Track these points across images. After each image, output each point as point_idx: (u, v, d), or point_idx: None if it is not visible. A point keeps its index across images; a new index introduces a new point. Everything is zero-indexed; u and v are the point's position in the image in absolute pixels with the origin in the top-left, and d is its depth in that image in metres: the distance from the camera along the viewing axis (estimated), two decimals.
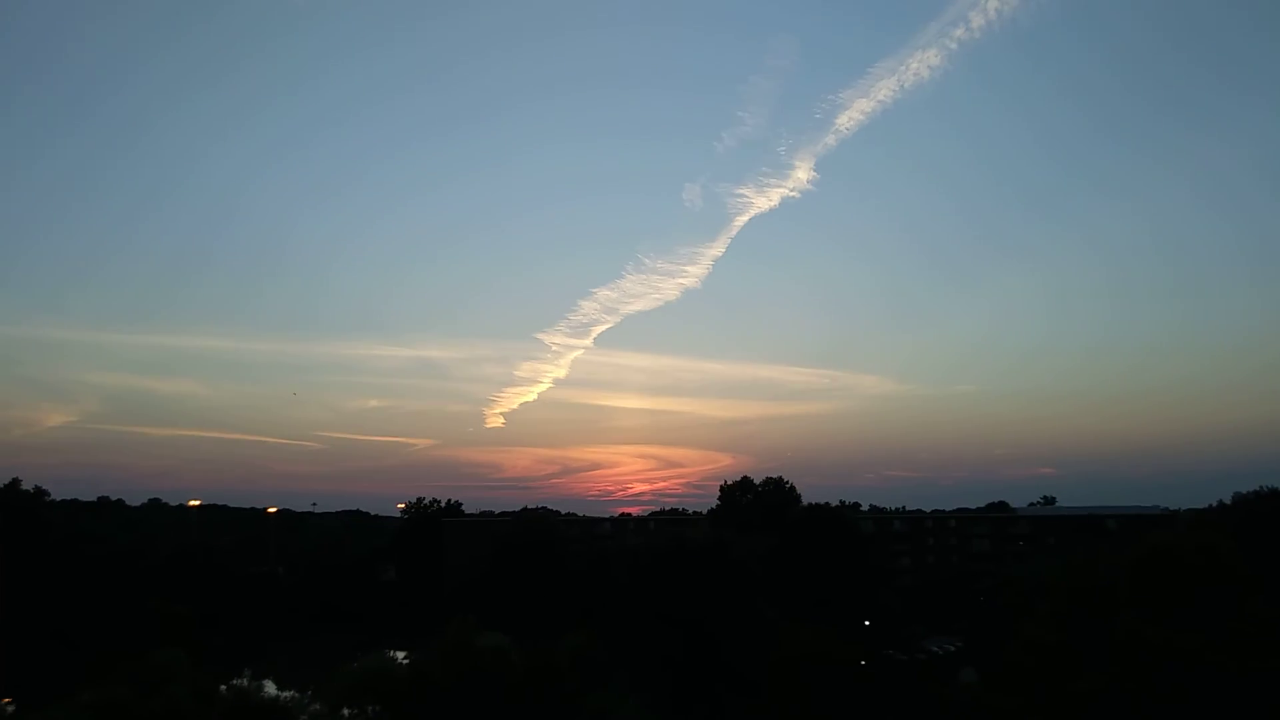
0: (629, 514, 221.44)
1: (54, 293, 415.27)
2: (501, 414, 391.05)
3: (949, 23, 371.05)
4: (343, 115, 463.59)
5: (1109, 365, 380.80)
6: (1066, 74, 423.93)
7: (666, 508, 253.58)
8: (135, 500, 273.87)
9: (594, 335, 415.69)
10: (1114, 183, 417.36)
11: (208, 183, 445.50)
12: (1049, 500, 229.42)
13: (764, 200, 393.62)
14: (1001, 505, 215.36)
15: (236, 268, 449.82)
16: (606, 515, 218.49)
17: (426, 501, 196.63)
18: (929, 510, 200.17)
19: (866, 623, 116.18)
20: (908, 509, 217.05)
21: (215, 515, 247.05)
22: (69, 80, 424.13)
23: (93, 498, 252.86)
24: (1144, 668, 51.89)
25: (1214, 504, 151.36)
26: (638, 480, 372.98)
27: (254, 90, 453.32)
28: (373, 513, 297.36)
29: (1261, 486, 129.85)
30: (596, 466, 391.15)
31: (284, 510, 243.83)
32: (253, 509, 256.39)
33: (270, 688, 71.58)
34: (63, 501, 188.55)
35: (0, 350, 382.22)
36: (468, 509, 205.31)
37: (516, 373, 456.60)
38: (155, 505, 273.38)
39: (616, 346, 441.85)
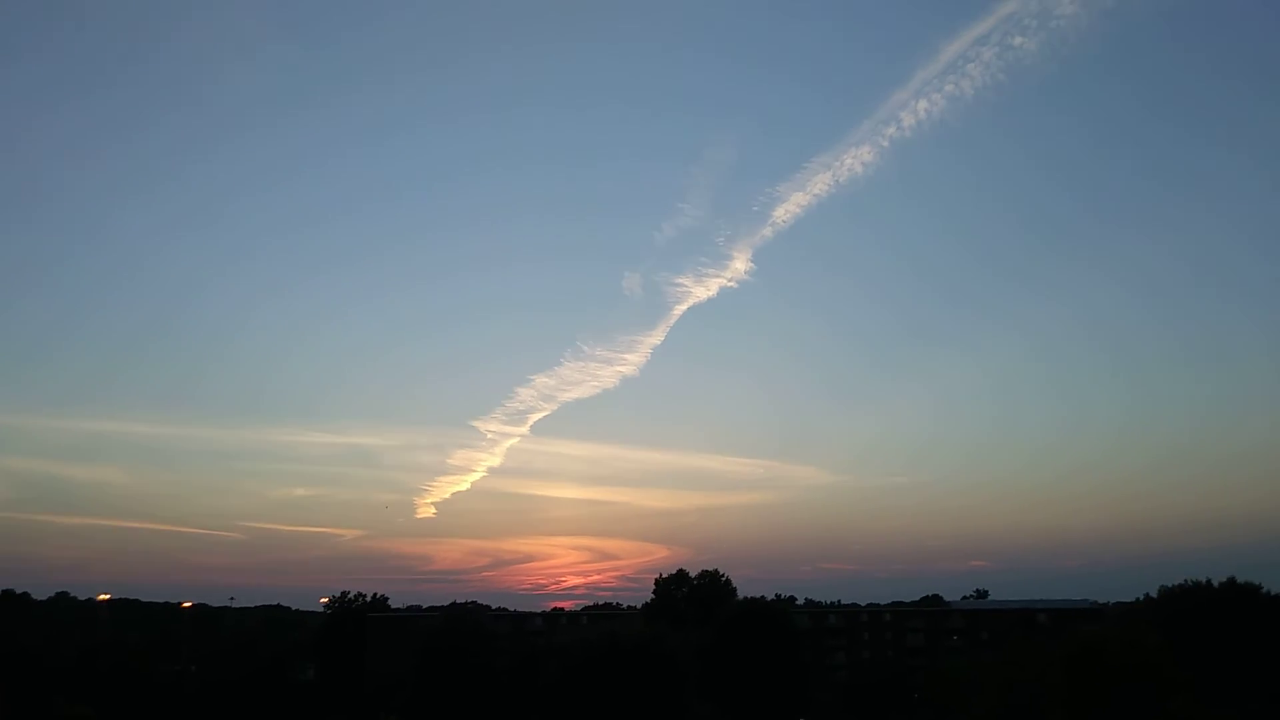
0: (562, 608, 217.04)
1: None
2: (433, 503, 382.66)
3: (882, 121, 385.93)
4: (267, 181, 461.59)
5: (1040, 458, 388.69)
6: (995, 173, 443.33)
7: (600, 601, 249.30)
8: (42, 594, 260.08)
9: (531, 423, 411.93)
10: (1044, 279, 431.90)
11: (143, 274, 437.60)
12: (982, 594, 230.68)
13: (703, 290, 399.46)
14: (936, 599, 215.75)
15: (165, 355, 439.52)
16: (539, 609, 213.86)
17: (351, 595, 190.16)
18: (864, 604, 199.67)
19: None
20: (843, 602, 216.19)
21: (126, 610, 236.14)
22: (10, 172, 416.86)
23: None
24: None
25: (1141, 598, 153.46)
26: (572, 573, 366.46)
27: (160, 156, 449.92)
28: (294, 607, 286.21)
29: (1187, 580, 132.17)
30: (530, 558, 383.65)
31: (199, 605, 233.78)
32: (166, 603, 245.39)
33: None
34: None
35: None
36: (395, 603, 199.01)
37: (450, 461, 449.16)
38: (63, 599, 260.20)
39: (553, 435, 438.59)
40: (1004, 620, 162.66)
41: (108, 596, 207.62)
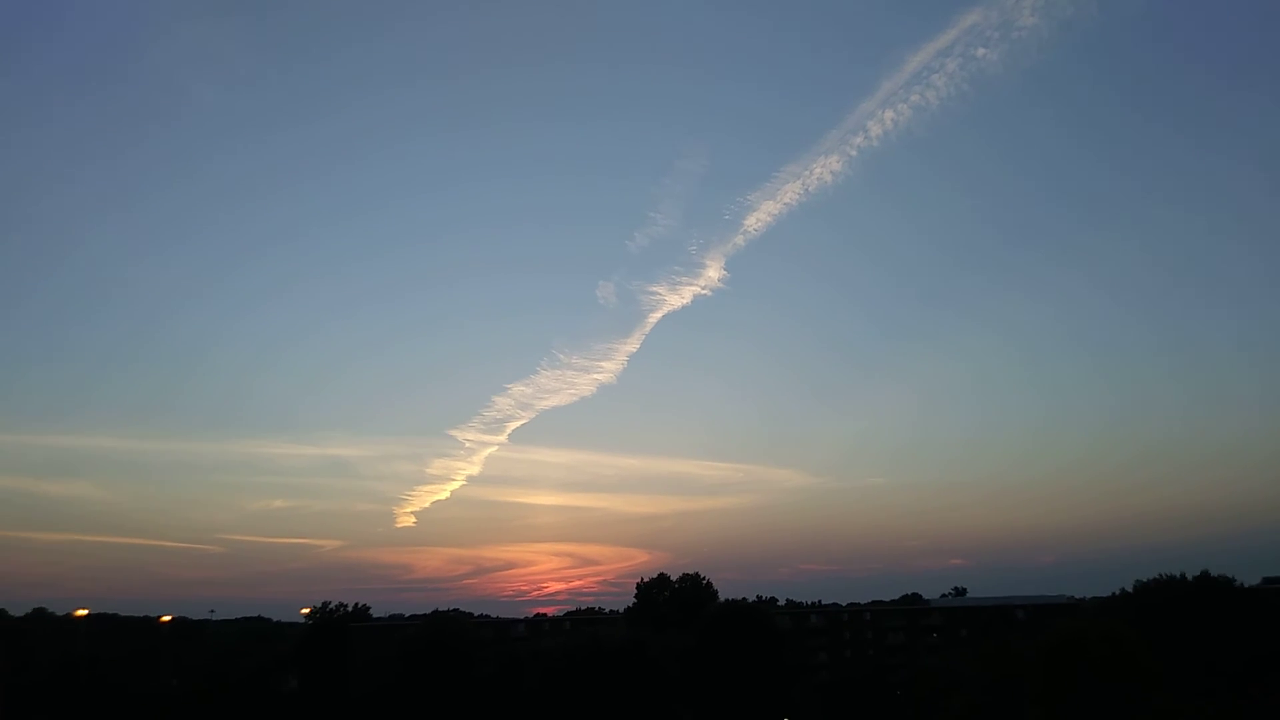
0: (544, 614, 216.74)
1: None
2: (412, 513, 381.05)
3: (849, 130, 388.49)
4: (240, 200, 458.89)
5: (1020, 457, 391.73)
6: (967, 176, 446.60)
7: (583, 606, 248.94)
8: (18, 610, 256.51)
9: (508, 431, 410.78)
10: (1023, 278, 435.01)
11: (117, 289, 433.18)
12: (960, 591, 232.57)
13: (677, 298, 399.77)
14: (915, 597, 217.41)
15: (139, 370, 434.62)
16: (521, 616, 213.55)
17: (332, 606, 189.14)
18: (844, 604, 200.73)
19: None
20: (823, 603, 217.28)
21: (104, 625, 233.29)
22: None
23: None
24: None
25: (1117, 592, 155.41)
26: (553, 579, 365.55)
27: (136, 173, 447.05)
28: (275, 619, 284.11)
29: (1160, 574, 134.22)
30: (511, 566, 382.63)
31: (179, 618, 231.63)
32: (145, 617, 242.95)
33: None
34: None
35: None
36: (376, 612, 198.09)
37: (428, 470, 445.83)
38: (39, 615, 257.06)
39: (531, 443, 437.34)
40: (982, 617, 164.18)
41: (85, 612, 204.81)
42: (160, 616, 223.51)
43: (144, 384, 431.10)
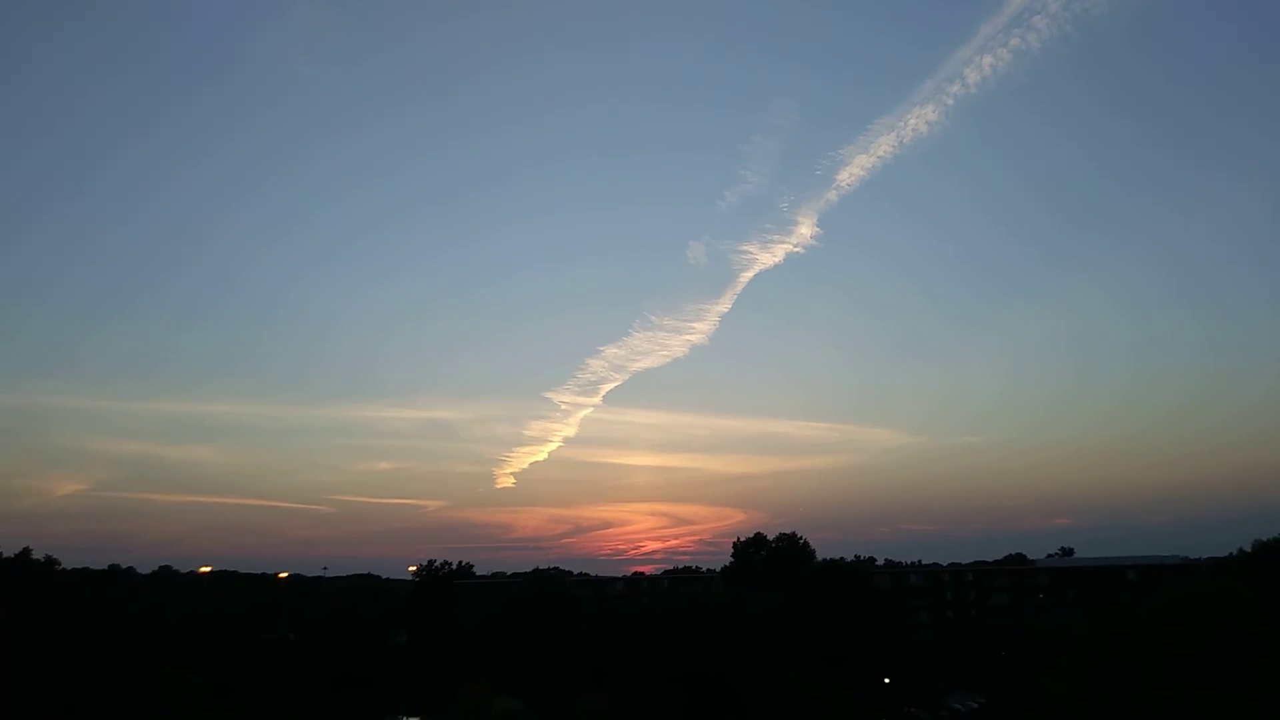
0: (642, 573, 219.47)
1: (62, 361, 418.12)
2: (511, 474, 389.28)
3: (946, 78, 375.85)
4: (349, 182, 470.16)
5: (1125, 413, 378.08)
6: (1071, 122, 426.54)
7: (679, 565, 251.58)
8: (146, 568, 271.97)
9: (602, 393, 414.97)
10: (1120, 226, 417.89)
11: (216, 249, 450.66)
12: (1067, 551, 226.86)
13: (768, 256, 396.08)
14: (1019, 557, 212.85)
15: (246, 333, 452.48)
16: (619, 574, 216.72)
17: (437, 564, 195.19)
18: (946, 564, 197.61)
19: (886, 680, 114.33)
20: (924, 563, 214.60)
21: (226, 581, 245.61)
22: (70, 145, 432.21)
23: (103, 565, 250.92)
24: None
25: (1234, 552, 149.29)
26: (650, 538, 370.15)
27: (258, 157, 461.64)
28: (384, 576, 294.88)
29: None
30: (608, 525, 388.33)
31: (295, 575, 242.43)
32: (264, 574, 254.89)
33: None
34: (73, 570, 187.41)
35: (11, 419, 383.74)
36: (479, 570, 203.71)
37: (526, 432, 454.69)
38: (166, 572, 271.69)
39: (625, 404, 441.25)
40: (1091, 577, 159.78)
41: (209, 569, 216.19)
42: (278, 573, 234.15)
43: (259, 357, 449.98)
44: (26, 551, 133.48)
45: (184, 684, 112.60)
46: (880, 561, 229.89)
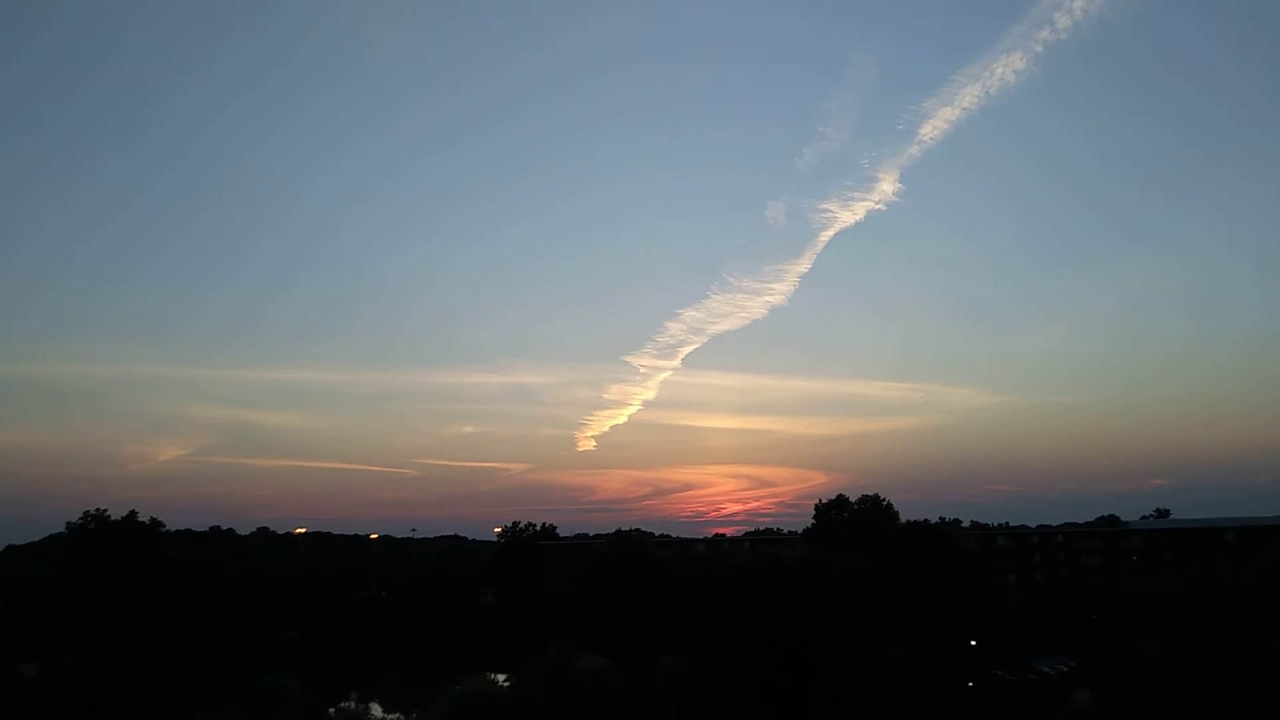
0: (723, 534, 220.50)
1: (161, 332, 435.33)
2: (592, 437, 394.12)
3: (1034, 24, 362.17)
4: (431, 150, 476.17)
5: (1243, 369, 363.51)
6: (1187, 57, 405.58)
7: (760, 527, 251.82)
8: (245, 529, 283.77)
9: (681, 356, 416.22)
10: (1244, 160, 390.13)
11: (301, 219, 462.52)
12: (1163, 513, 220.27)
13: (849, 215, 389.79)
14: (1112, 519, 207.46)
15: (334, 301, 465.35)
16: (700, 536, 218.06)
17: (521, 525, 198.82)
18: (1034, 525, 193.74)
19: (973, 643, 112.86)
20: (1011, 525, 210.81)
21: (320, 542, 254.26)
22: (161, 122, 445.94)
23: (205, 528, 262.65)
24: (1272, 686, 49.21)
25: None
26: (730, 500, 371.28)
27: (344, 128, 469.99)
28: (470, 537, 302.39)
29: None
30: (689, 487, 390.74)
31: (385, 537, 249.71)
32: (355, 535, 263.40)
33: (376, 710, 73.16)
34: (177, 532, 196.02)
35: (114, 389, 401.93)
36: (562, 532, 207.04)
37: (606, 395, 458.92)
38: (264, 534, 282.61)
39: (704, 367, 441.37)
40: (1188, 539, 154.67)
41: (303, 530, 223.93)
42: (369, 535, 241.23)
43: (351, 326, 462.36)
44: (133, 514, 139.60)
45: (283, 640, 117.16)
46: (966, 523, 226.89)
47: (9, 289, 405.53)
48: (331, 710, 52.56)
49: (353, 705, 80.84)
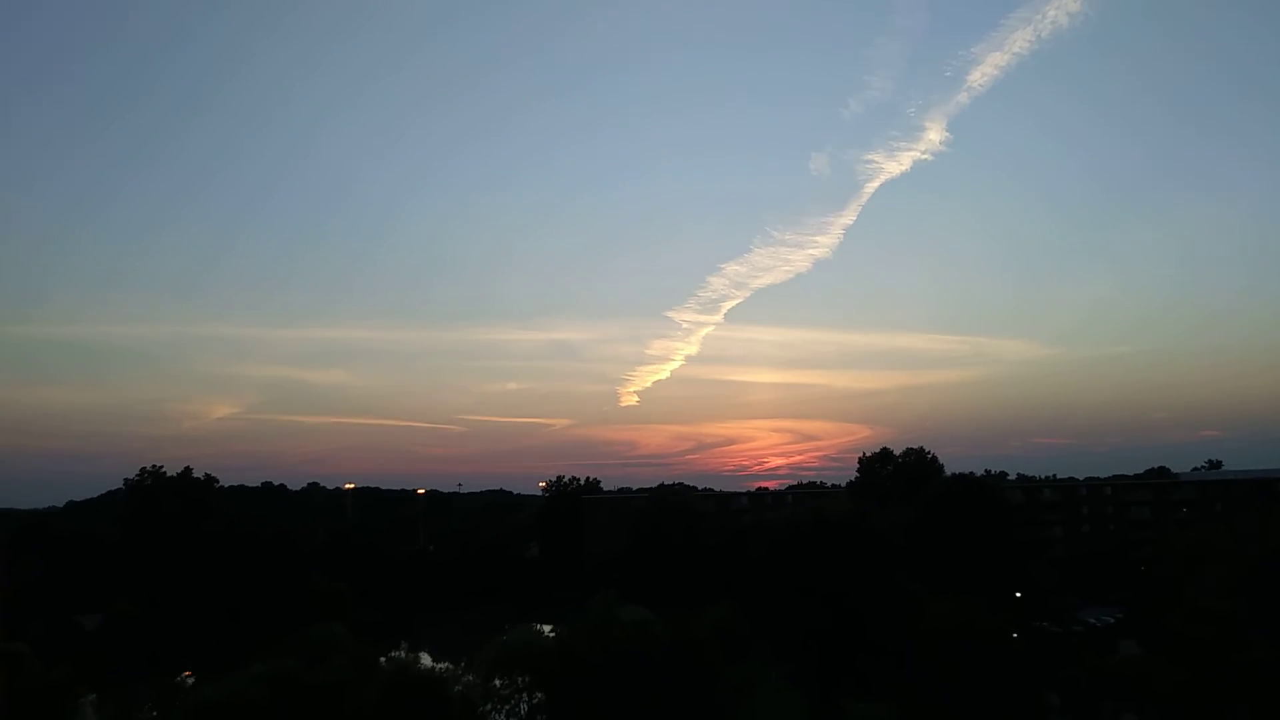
0: (766, 488, 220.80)
1: (197, 288, 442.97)
2: (635, 392, 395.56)
3: None
4: (460, 89, 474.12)
5: (1271, 322, 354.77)
6: (1204, 28, 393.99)
7: (804, 481, 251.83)
8: (295, 485, 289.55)
9: (724, 311, 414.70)
10: (1251, 138, 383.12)
11: (324, 165, 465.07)
12: (1215, 464, 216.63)
13: (895, 165, 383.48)
14: (1162, 471, 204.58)
15: (362, 252, 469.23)
16: (743, 490, 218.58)
17: (566, 480, 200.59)
18: (1082, 478, 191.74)
19: (1017, 595, 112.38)
20: (1058, 477, 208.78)
21: (368, 498, 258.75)
22: (196, 72, 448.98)
23: (257, 483, 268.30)
24: None
25: None
26: (773, 454, 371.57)
27: (406, 102, 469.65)
28: (514, 492, 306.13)
29: None
30: (731, 442, 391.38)
31: (431, 491, 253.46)
32: (402, 490, 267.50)
33: (426, 659, 74.69)
34: (231, 487, 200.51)
35: (162, 348, 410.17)
36: (606, 486, 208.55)
37: (648, 351, 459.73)
38: (314, 489, 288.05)
39: (747, 321, 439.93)
40: (1239, 490, 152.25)
41: (352, 486, 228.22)
42: (416, 490, 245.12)
43: (392, 282, 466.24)
44: (188, 471, 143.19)
45: (332, 592, 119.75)
46: (1012, 476, 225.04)
47: (48, 248, 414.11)
48: (382, 659, 53.70)
49: (403, 655, 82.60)
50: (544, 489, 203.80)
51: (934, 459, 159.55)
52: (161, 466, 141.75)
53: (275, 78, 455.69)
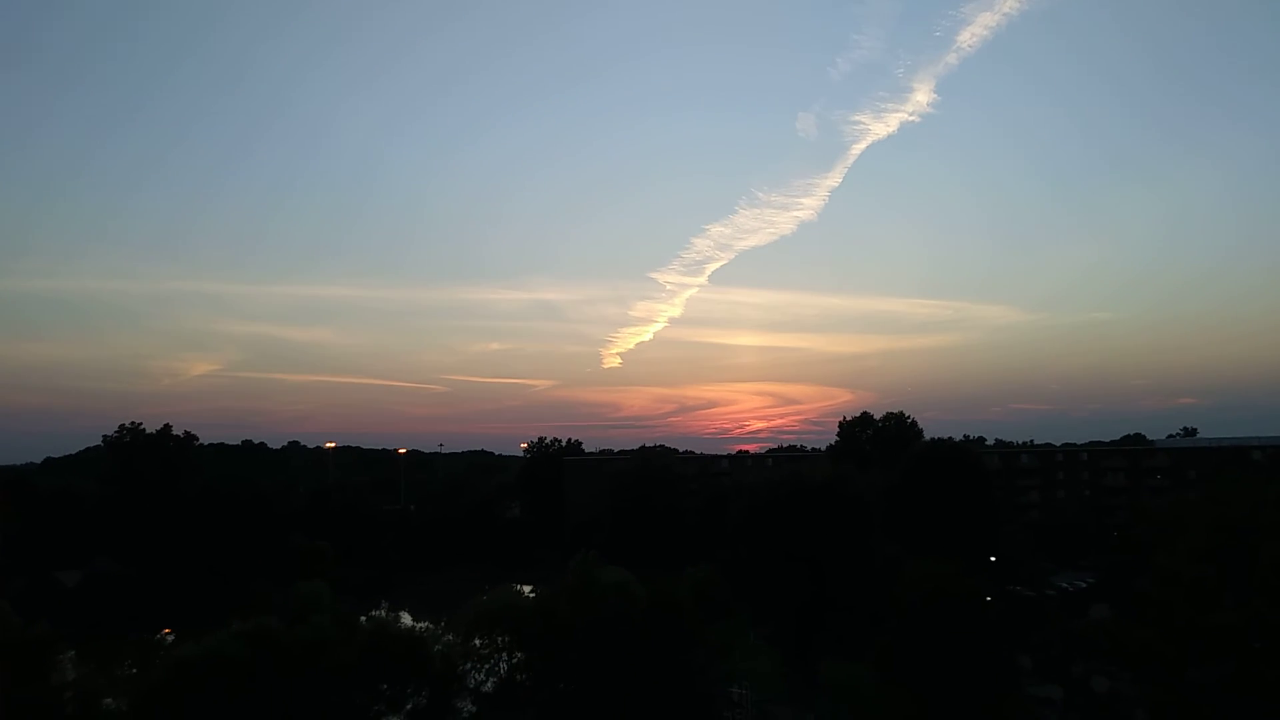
0: (746, 451, 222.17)
1: (177, 243, 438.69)
2: (618, 354, 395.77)
3: None
4: (463, 77, 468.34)
5: (1251, 289, 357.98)
6: None
7: (784, 445, 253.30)
8: (276, 443, 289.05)
9: (708, 273, 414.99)
10: (1243, 104, 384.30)
11: (303, 115, 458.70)
12: (1190, 432, 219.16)
13: (882, 126, 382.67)
14: (1138, 438, 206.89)
15: (341, 206, 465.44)
16: (724, 453, 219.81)
17: (547, 441, 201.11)
18: (1059, 444, 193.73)
19: (992, 559, 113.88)
20: (1036, 443, 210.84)
21: (349, 456, 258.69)
22: (169, 25, 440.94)
23: (237, 441, 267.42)
24: None
25: None
26: (755, 418, 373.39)
27: (382, 52, 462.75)
28: (496, 452, 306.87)
29: None
30: (713, 405, 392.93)
31: (413, 451, 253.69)
32: (384, 450, 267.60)
33: (406, 618, 75.10)
34: (210, 445, 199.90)
35: (142, 303, 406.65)
36: (587, 448, 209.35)
37: (631, 313, 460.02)
38: (295, 448, 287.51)
39: (731, 284, 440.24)
40: (1214, 458, 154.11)
41: (333, 445, 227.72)
42: (397, 449, 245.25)
43: (373, 238, 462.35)
44: (168, 428, 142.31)
45: (314, 550, 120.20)
46: (990, 441, 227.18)
47: (27, 202, 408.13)
48: (363, 618, 53.95)
49: (383, 613, 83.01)
50: (526, 450, 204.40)
51: (913, 423, 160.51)
52: (141, 424, 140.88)
53: (251, 33, 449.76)
